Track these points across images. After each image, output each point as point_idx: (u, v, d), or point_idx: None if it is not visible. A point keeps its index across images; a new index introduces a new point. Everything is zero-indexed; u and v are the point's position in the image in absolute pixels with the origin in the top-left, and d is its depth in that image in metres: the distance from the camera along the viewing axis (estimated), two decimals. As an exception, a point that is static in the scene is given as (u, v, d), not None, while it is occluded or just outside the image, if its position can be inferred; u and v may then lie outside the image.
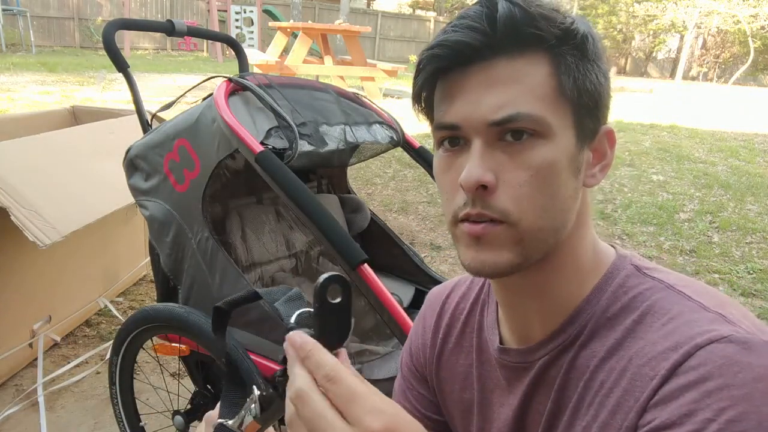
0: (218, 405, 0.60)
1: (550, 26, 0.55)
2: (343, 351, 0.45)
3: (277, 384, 0.48)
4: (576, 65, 0.56)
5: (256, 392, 0.52)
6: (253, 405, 0.52)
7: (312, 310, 0.44)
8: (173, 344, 1.54)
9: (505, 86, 0.55)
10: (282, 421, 0.52)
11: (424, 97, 0.62)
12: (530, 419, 0.65)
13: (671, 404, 0.49)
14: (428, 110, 0.62)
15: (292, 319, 0.45)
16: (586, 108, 0.57)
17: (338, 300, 0.43)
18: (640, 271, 0.61)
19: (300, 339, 0.42)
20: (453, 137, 0.59)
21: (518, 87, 0.55)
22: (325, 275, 0.42)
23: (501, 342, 0.69)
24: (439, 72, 0.58)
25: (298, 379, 0.41)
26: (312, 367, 0.41)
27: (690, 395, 0.49)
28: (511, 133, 0.55)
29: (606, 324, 0.59)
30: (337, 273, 0.43)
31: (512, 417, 0.66)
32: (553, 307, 0.62)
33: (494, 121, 0.55)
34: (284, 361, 0.46)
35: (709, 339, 0.51)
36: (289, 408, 0.42)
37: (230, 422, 0.55)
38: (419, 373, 0.82)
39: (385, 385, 0.99)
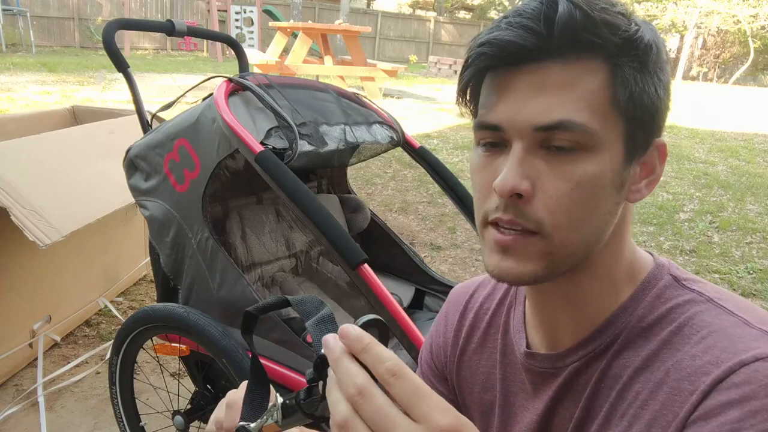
0: (242, 385, 0.60)
1: (611, 34, 0.51)
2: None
3: (303, 405, 0.48)
4: (634, 77, 0.53)
5: (279, 400, 0.52)
6: (275, 412, 0.52)
7: None
8: (173, 344, 1.54)
9: (555, 91, 0.52)
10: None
11: (470, 93, 0.59)
12: (555, 425, 0.64)
13: (712, 421, 0.48)
14: (473, 105, 0.59)
15: (323, 350, 0.45)
16: (640, 122, 0.54)
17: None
18: (678, 281, 0.59)
19: (355, 331, 0.40)
20: (493, 141, 0.56)
21: (569, 94, 0.52)
22: (363, 319, 0.42)
23: (528, 345, 0.68)
24: (486, 70, 0.56)
25: (356, 375, 0.38)
26: (371, 360, 0.39)
27: (733, 413, 0.47)
28: (557, 142, 0.52)
29: (641, 334, 0.57)
30: (375, 316, 0.42)
31: (536, 422, 0.65)
32: (585, 315, 0.61)
33: (540, 126, 0.52)
34: (312, 381, 0.45)
35: (754, 356, 0.49)
36: (344, 407, 0.38)
37: (252, 425, 0.56)
38: (439, 371, 0.81)
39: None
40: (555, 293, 0.61)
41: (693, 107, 10.97)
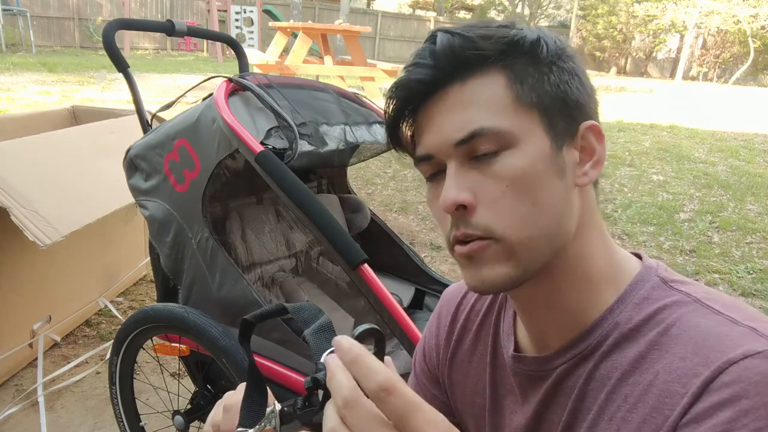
0: (239, 387, 0.61)
1: (491, 44, 0.56)
2: (389, 360, 0.46)
3: (299, 415, 0.48)
4: (528, 71, 0.56)
5: (278, 407, 0.53)
6: (273, 419, 0.53)
7: None
8: (173, 344, 1.54)
9: (462, 108, 0.56)
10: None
11: (398, 133, 0.63)
12: (544, 429, 0.64)
13: (704, 423, 0.48)
14: (412, 148, 0.64)
15: (323, 358, 0.46)
16: (553, 109, 0.57)
17: (372, 352, 0.43)
18: (666, 283, 0.59)
19: (346, 342, 0.41)
20: (434, 172, 0.60)
21: (474, 106, 0.56)
22: (360, 328, 0.43)
23: (517, 349, 0.68)
24: (403, 113, 0.61)
25: (344, 387, 0.39)
26: (362, 373, 0.39)
27: (724, 414, 0.47)
28: (480, 149, 0.56)
29: (629, 335, 0.57)
30: (371, 326, 0.43)
31: (524, 426, 0.65)
32: (569, 317, 0.61)
33: (458, 140, 0.56)
34: (311, 387, 0.46)
35: (743, 354, 0.49)
36: (333, 420, 0.39)
37: (250, 431, 0.56)
38: (431, 374, 0.81)
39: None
40: (536, 297, 0.61)
41: (693, 107, 10.98)
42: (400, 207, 4.38)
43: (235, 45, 1.97)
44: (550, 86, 0.57)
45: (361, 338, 0.43)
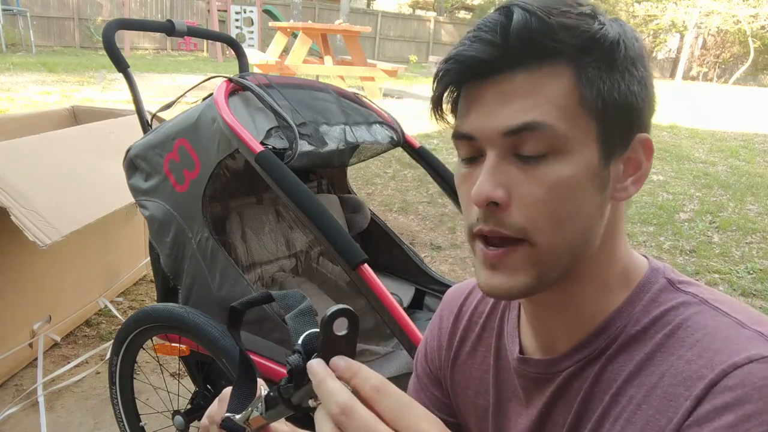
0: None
1: (570, 37, 0.52)
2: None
3: (281, 390, 0.48)
4: (600, 76, 0.52)
5: (264, 392, 0.53)
6: (259, 404, 0.53)
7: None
8: (173, 344, 1.54)
9: (521, 99, 0.52)
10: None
11: (442, 106, 0.60)
12: (548, 431, 0.63)
13: (706, 426, 0.47)
14: (453, 115, 0.60)
15: (300, 340, 0.46)
16: (614, 119, 0.54)
17: (344, 333, 0.43)
18: (673, 284, 0.59)
19: (344, 362, 0.42)
20: (471, 156, 0.57)
21: (535, 98, 0.52)
22: (332, 308, 0.42)
23: (521, 351, 0.67)
24: (454, 85, 0.57)
25: (340, 393, 0.40)
26: (359, 381, 0.41)
27: (727, 418, 0.46)
28: (527, 147, 0.52)
29: (636, 337, 0.57)
30: (344, 306, 0.43)
31: (529, 428, 0.65)
32: (579, 320, 0.60)
33: (509, 130, 0.52)
34: (291, 372, 0.46)
35: (747, 358, 0.48)
36: (327, 425, 0.40)
37: (237, 417, 0.57)
38: (433, 375, 0.80)
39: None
40: (549, 300, 0.60)
41: (693, 107, 10.98)
42: (400, 207, 4.38)
43: (235, 45, 1.97)
44: (618, 95, 0.53)
45: (332, 318, 0.42)
